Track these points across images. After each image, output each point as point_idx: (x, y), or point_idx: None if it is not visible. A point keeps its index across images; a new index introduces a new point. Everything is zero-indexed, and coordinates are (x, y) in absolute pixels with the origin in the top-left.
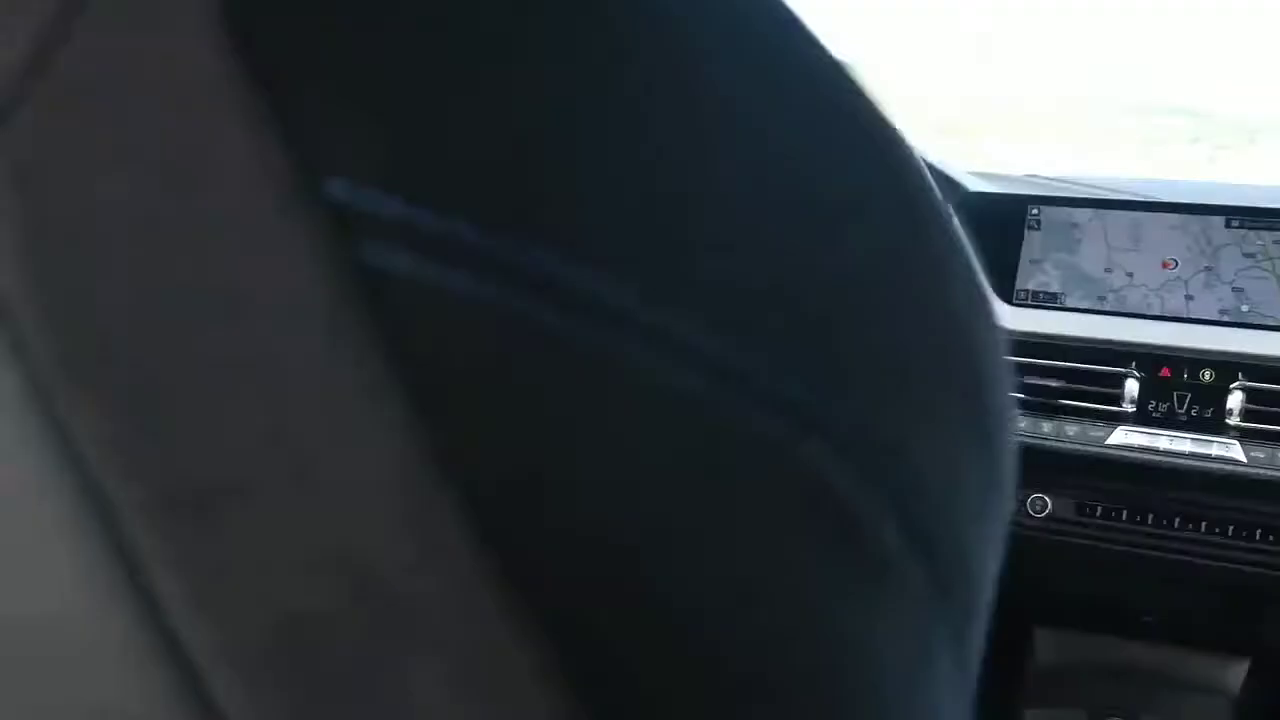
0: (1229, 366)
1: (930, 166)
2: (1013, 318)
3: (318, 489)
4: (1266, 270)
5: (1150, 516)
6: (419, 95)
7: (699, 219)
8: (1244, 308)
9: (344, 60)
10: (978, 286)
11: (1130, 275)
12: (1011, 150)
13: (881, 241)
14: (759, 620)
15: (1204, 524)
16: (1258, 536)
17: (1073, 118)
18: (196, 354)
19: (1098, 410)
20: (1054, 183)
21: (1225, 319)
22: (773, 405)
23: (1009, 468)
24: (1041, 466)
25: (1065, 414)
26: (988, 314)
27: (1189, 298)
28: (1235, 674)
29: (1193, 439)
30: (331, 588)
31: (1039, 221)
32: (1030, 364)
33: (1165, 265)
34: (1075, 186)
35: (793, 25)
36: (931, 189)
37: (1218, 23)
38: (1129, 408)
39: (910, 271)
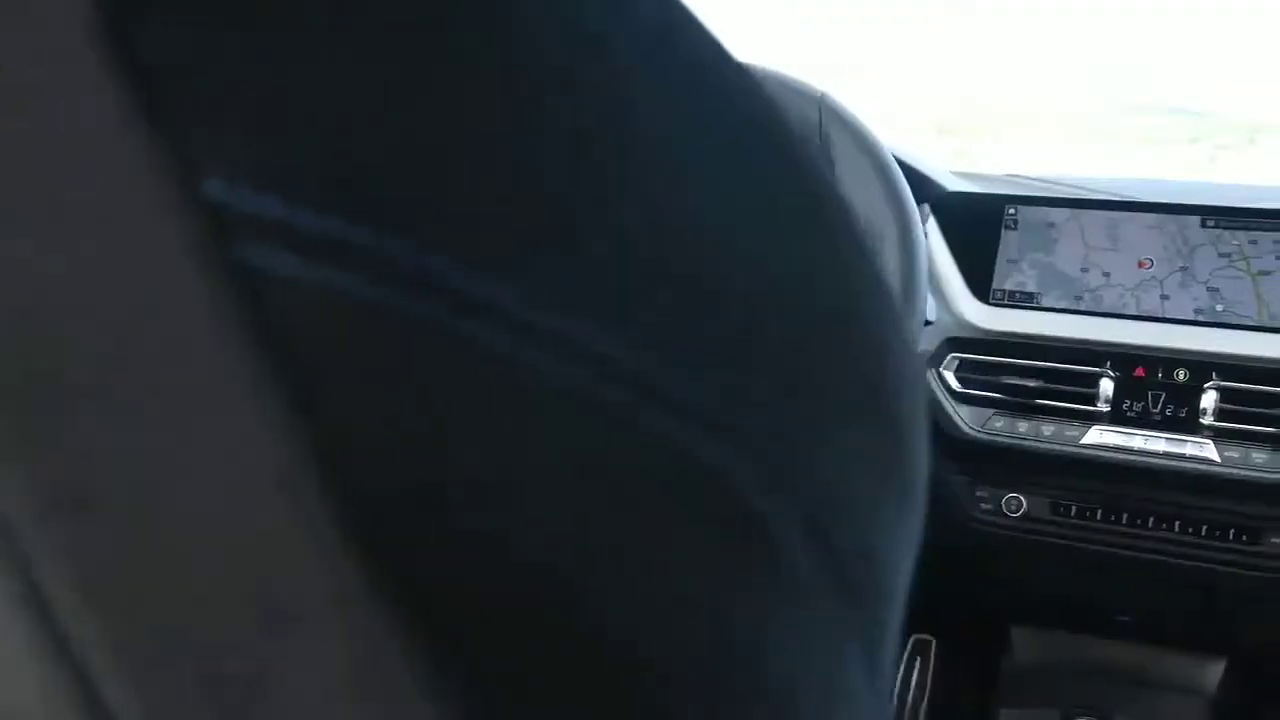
0: (1203, 366)
1: (905, 165)
2: (989, 317)
3: (201, 490)
4: (1241, 270)
5: (1125, 516)
6: (299, 95)
7: (595, 223)
8: (1219, 307)
9: (223, 59)
10: (887, 294)
11: (1106, 275)
12: (1010, 150)
13: (786, 248)
14: (666, 628)
15: (1178, 523)
16: (1231, 536)
17: (1072, 118)
18: (75, 352)
19: (1073, 410)
20: (1035, 182)
21: (1200, 319)
22: (675, 409)
23: (920, 478)
24: (1017, 466)
25: (1041, 413)
26: (896, 321)
27: (1164, 297)
28: (1212, 674)
29: (1167, 438)
30: (217, 590)
31: (1016, 221)
32: (1006, 364)
33: (1141, 265)
34: (1055, 186)
35: (691, 25)
36: (841, 198)
37: (1218, 23)
38: (1104, 407)
39: (818, 279)
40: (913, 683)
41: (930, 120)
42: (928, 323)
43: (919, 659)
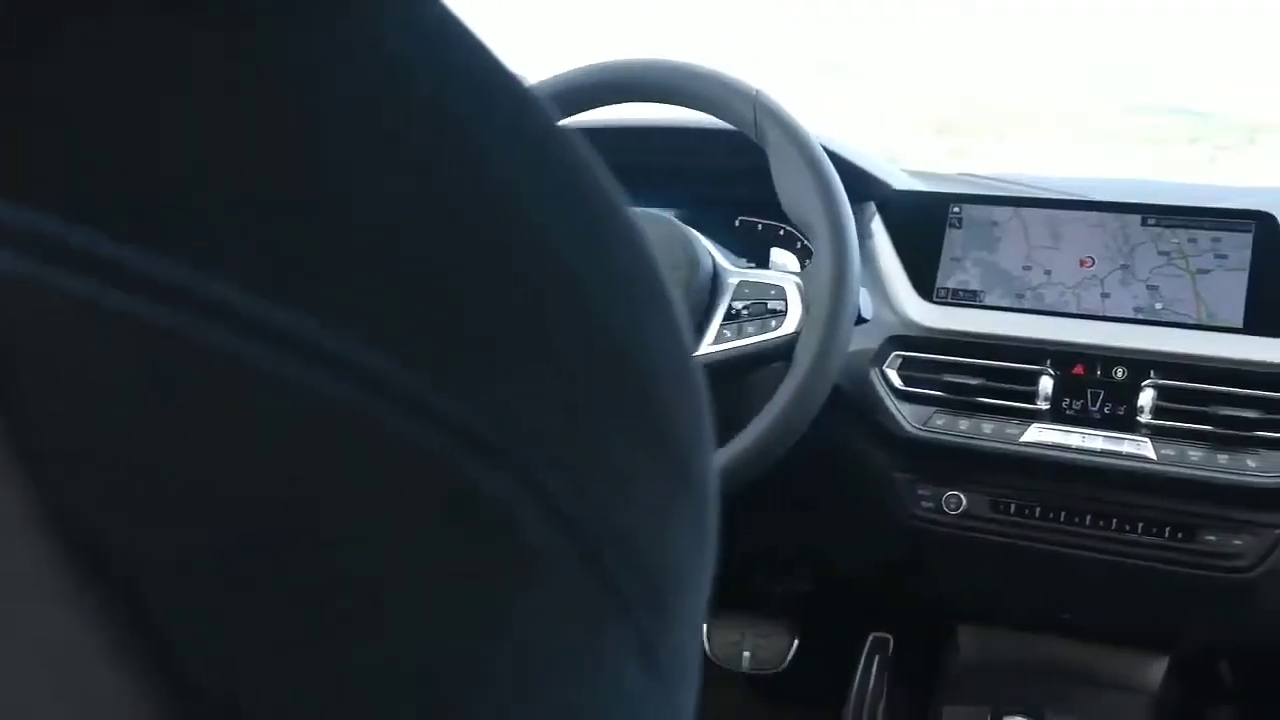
0: (1141, 364)
1: (850, 164)
2: (933, 316)
3: None
4: (1181, 268)
5: (1063, 514)
6: (23, 91)
7: (324, 213)
8: (1158, 305)
9: None
10: (655, 289)
11: (1048, 273)
12: (1011, 150)
13: (557, 255)
14: (394, 621)
15: (1116, 521)
16: (1167, 534)
17: (1073, 118)
18: None
19: (1013, 408)
20: (990, 181)
21: (1139, 317)
22: (407, 404)
23: (695, 463)
24: (958, 464)
25: (982, 411)
26: (665, 315)
27: (1105, 295)
28: (1155, 671)
29: (1104, 436)
30: None
31: (960, 220)
32: (949, 362)
33: (1083, 263)
34: (1008, 185)
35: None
36: (615, 201)
37: (1218, 23)
38: (1043, 405)
39: (565, 264)
40: (871, 680)
41: (930, 120)
42: (863, 320)
43: (877, 657)
